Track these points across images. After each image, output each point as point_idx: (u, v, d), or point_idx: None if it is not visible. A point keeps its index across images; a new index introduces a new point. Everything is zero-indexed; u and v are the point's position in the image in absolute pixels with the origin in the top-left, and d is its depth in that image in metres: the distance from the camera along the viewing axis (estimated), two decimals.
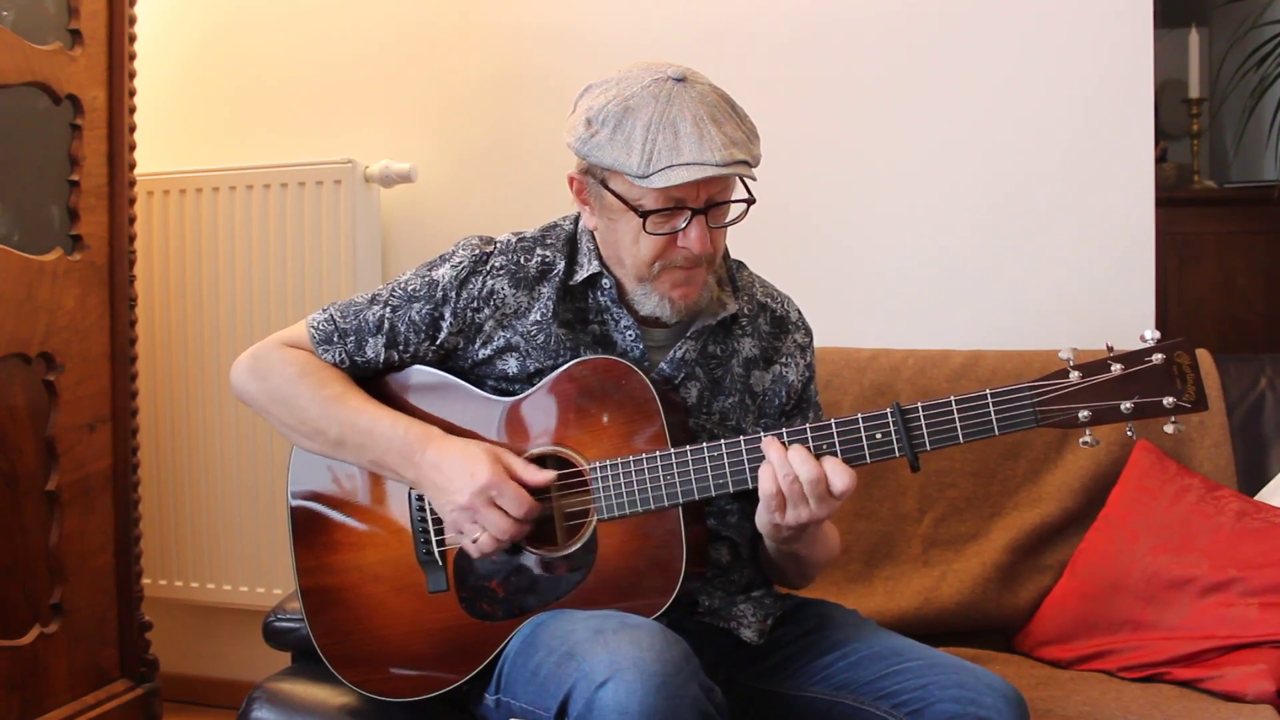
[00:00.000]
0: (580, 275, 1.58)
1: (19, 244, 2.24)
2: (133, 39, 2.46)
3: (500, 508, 1.47)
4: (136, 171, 2.50)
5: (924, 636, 1.61)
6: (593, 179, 1.52)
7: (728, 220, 1.51)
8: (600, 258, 1.58)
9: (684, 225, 1.47)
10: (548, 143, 2.56)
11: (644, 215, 1.47)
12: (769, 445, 1.42)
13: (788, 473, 1.40)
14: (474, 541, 1.49)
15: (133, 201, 2.48)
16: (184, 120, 2.89)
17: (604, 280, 1.57)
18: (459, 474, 1.48)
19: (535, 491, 1.51)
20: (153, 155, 2.68)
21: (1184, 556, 1.91)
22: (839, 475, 1.39)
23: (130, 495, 2.50)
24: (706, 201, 1.47)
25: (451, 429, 1.56)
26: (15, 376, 2.24)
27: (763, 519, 1.45)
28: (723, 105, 1.47)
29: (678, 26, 2.56)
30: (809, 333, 1.72)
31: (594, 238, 1.59)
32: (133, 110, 2.47)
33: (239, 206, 2.71)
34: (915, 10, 2.44)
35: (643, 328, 1.58)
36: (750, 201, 1.50)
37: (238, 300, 2.72)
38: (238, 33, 2.87)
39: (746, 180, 1.49)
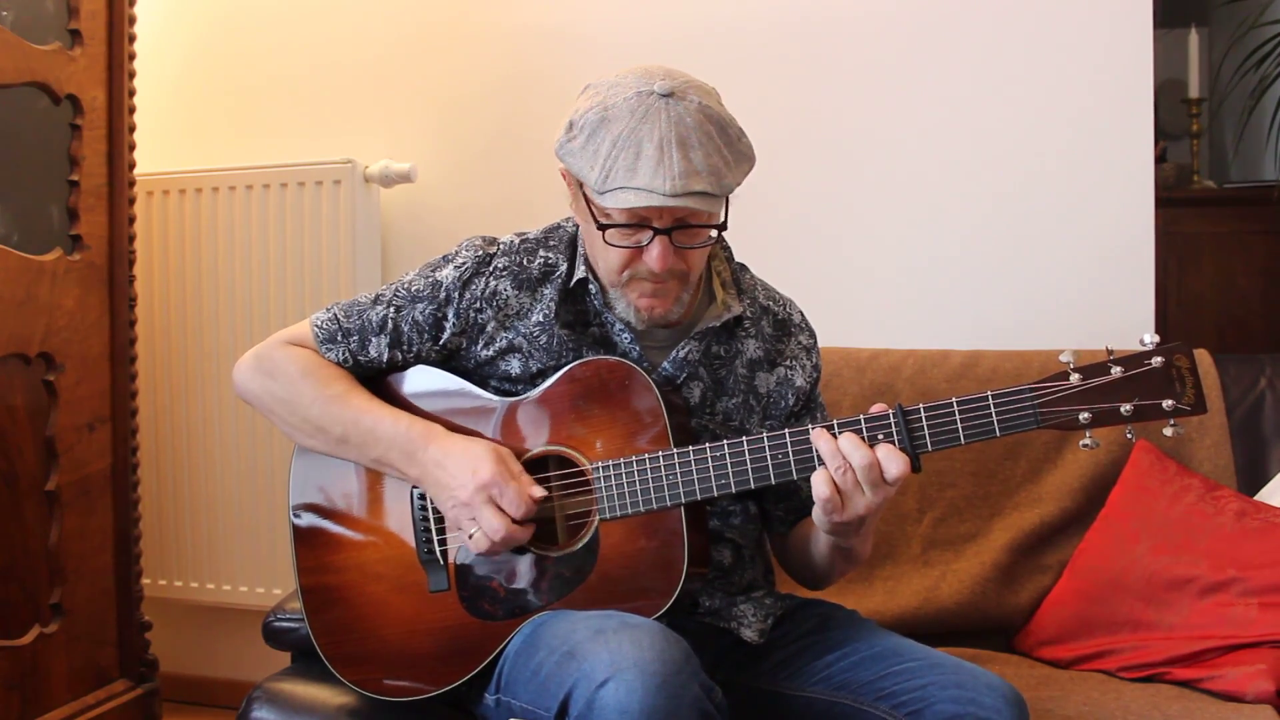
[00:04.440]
0: (575, 278, 1.59)
1: (19, 244, 2.24)
2: (133, 39, 2.46)
3: (500, 507, 1.47)
4: (136, 171, 2.50)
5: (924, 636, 1.61)
6: (573, 179, 1.53)
7: (698, 243, 1.49)
8: (587, 260, 1.59)
9: (646, 242, 1.47)
10: (548, 143, 2.55)
11: (603, 228, 1.48)
12: (819, 437, 1.40)
13: (840, 464, 1.38)
14: (471, 538, 1.49)
15: (132, 201, 2.48)
16: (184, 120, 2.89)
17: (590, 285, 1.58)
18: (462, 470, 1.49)
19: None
20: (153, 155, 2.69)
21: (1184, 556, 1.91)
22: (892, 460, 1.37)
23: (130, 495, 2.50)
24: (674, 222, 1.46)
25: (454, 429, 1.56)
26: (15, 376, 2.24)
27: (821, 520, 1.43)
28: (704, 128, 1.43)
29: (677, 25, 2.56)
30: (813, 334, 1.72)
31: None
32: (132, 110, 2.47)
33: (239, 206, 2.71)
34: (915, 11, 2.44)
35: (641, 328, 1.59)
36: (721, 228, 1.48)
37: (238, 300, 2.72)
38: (237, 33, 2.87)
39: (731, 199, 1.48)
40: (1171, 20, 3.63)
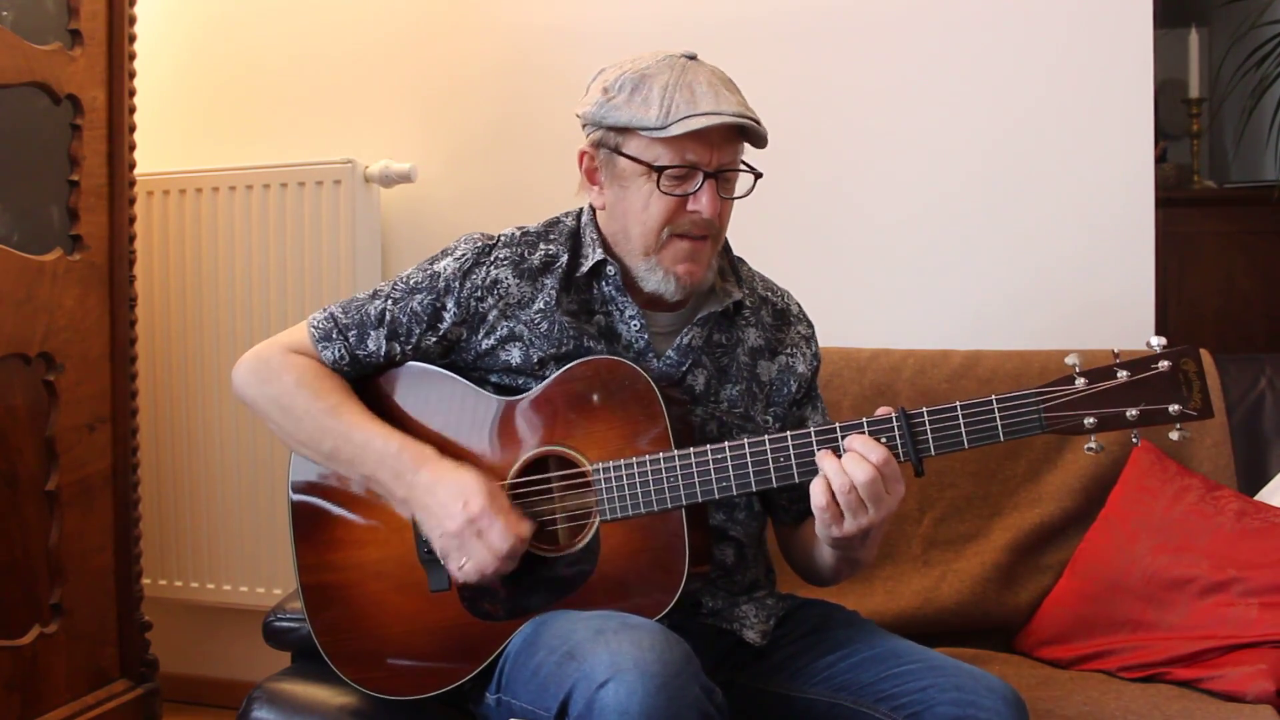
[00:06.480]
0: (586, 265, 1.59)
1: (19, 244, 2.24)
2: (133, 39, 2.46)
3: (487, 542, 1.47)
4: (136, 171, 2.50)
5: (924, 637, 1.61)
6: (605, 148, 1.54)
7: (736, 193, 1.55)
8: (604, 245, 1.59)
9: (695, 189, 1.50)
10: (549, 143, 2.57)
11: (660, 170, 1.50)
12: (823, 458, 1.40)
13: (844, 482, 1.38)
14: (460, 569, 1.49)
15: (133, 201, 2.48)
16: (184, 120, 2.89)
17: (609, 267, 1.58)
18: (453, 501, 1.48)
19: (534, 493, 1.51)
20: (153, 155, 2.68)
21: (1184, 556, 1.91)
22: (871, 450, 1.38)
23: (130, 495, 2.49)
24: (718, 166, 1.51)
25: (451, 432, 1.56)
26: (15, 376, 2.24)
27: (823, 533, 1.44)
28: (732, 84, 1.54)
29: (675, 21, 2.56)
30: (810, 325, 1.74)
31: (598, 227, 1.60)
32: (133, 110, 2.47)
33: (239, 206, 2.71)
34: (915, 10, 2.44)
35: (647, 315, 1.59)
36: (758, 175, 1.54)
37: (238, 300, 2.71)
38: (237, 33, 2.87)
39: (754, 155, 1.53)
40: (1171, 20, 3.62)
